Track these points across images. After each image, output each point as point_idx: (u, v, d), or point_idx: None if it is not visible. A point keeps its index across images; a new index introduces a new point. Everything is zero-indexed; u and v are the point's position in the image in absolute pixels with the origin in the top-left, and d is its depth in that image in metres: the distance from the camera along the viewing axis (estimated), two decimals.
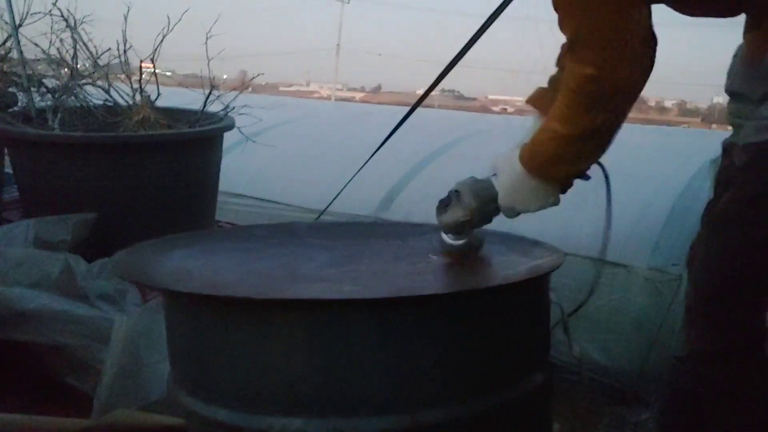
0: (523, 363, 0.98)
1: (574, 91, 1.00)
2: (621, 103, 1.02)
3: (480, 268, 1.15)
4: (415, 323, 0.87)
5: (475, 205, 1.11)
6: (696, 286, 1.19)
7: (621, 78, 0.98)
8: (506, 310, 0.94)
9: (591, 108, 1.00)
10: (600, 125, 1.02)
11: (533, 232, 1.26)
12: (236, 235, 1.31)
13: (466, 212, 1.10)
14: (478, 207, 1.11)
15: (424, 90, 1.75)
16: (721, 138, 1.28)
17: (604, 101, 1.00)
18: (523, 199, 1.11)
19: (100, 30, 2.27)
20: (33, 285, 1.54)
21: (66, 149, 1.93)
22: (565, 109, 1.02)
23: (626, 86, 1.00)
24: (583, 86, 0.99)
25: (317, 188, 2.66)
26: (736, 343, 1.09)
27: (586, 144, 1.05)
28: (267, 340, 0.87)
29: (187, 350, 0.98)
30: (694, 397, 1.18)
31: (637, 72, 0.99)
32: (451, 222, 1.11)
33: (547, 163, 1.07)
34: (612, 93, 0.99)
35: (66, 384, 1.56)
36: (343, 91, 42.19)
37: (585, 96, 1.00)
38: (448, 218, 1.12)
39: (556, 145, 1.05)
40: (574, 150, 1.05)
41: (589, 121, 1.01)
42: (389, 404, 0.86)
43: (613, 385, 1.89)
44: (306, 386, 0.86)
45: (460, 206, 1.11)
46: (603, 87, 0.98)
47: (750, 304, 1.09)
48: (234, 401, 0.89)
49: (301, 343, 0.86)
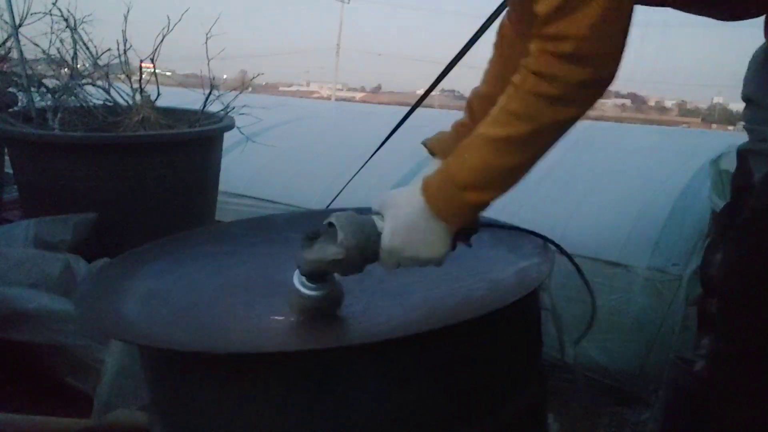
0: (519, 377, 0.95)
1: (539, 75, 0.84)
2: (595, 94, 0.87)
3: (463, 269, 1.04)
4: (398, 365, 0.81)
5: (353, 242, 0.88)
6: (719, 293, 1.16)
7: (608, 62, 0.84)
8: (496, 331, 0.88)
9: (558, 99, 0.84)
10: (560, 121, 0.87)
11: None
12: (212, 237, 1.23)
13: (339, 250, 0.87)
14: (357, 245, 0.88)
15: (424, 90, 1.75)
16: (721, 138, 1.27)
17: (576, 90, 0.84)
18: (417, 240, 0.90)
19: (100, 30, 2.28)
20: (33, 285, 1.54)
21: (66, 149, 1.93)
22: (513, 104, 0.86)
23: (611, 74, 0.85)
24: (556, 68, 0.83)
25: (317, 188, 2.65)
26: (760, 347, 1.06)
27: (528, 148, 0.88)
28: (233, 393, 0.82)
29: (159, 393, 0.95)
30: (695, 397, 1.17)
31: (618, 60, 0.85)
32: (316, 260, 0.88)
33: (463, 186, 0.88)
34: (594, 80, 0.85)
35: (66, 384, 1.56)
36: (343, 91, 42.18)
37: (554, 81, 0.84)
38: (313, 255, 0.89)
39: (490, 153, 0.87)
40: (512, 158, 0.87)
41: (550, 114, 0.85)
42: None
43: (613, 385, 1.89)
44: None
45: (333, 242, 0.88)
46: (584, 71, 0.83)
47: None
48: None
49: (272, 395, 0.81)
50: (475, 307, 0.89)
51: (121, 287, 1.00)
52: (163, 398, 0.94)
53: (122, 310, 0.94)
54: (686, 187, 2.06)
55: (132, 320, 0.92)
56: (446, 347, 0.84)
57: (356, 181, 1.77)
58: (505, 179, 0.89)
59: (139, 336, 0.89)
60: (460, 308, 0.94)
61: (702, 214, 1.89)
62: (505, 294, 0.91)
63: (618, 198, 2.10)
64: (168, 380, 0.92)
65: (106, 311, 0.93)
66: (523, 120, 0.86)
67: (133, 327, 0.90)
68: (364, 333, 0.92)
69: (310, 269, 0.89)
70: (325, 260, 0.88)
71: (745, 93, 1.21)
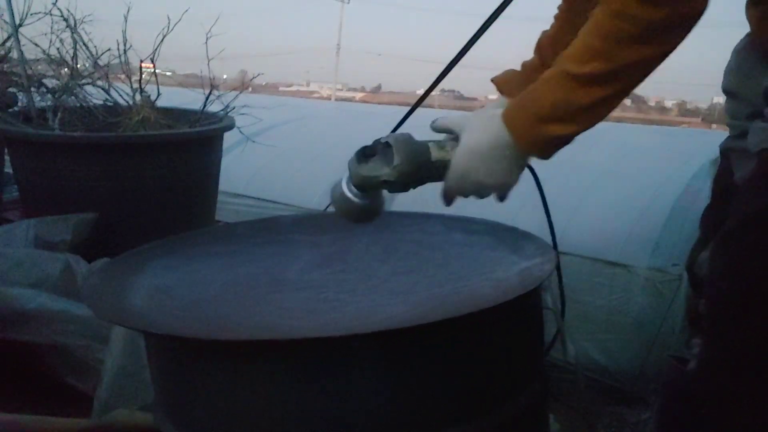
0: (520, 375, 0.95)
1: (618, 15, 0.82)
2: (677, 34, 0.84)
3: (467, 270, 1.06)
4: (400, 356, 0.82)
5: (406, 168, 0.90)
6: (708, 297, 1.15)
7: (685, 1, 0.81)
8: (499, 327, 0.89)
9: (638, 38, 0.82)
10: (641, 60, 0.84)
11: (532, 230, 1.23)
12: (218, 237, 1.24)
13: (392, 172, 0.90)
14: (409, 171, 0.90)
15: (424, 90, 1.75)
16: (721, 138, 1.26)
17: (654, 29, 0.82)
18: (493, 164, 0.90)
19: (100, 30, 2.28)
20: (33, 285, 1.54)
21: (66, 149, 1.93)
22: (594, 41, 0.84)
23: (691, 12, 0.82)
24: (634, 7, 0.81)
25: (317, 188, 2.65)
26: (753, 353, 1.05)
27: (610, 85, 0.86)
28: (243, 381, 0.83)
29: (166, 386, 0.95)
30: (689, 396, 1.17)
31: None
32: (369, 176, 0.91)
33: (546, 119, 0.87)
34: (673, 19, 0.82)
35: (66, 384, 1.56)
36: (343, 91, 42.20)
37: (632, 21, 0.81)
38: (366, 171, 0.92)
39: (572, 88, 0.85)
40: (594, 95, 0.86)
41: (630, 53, 0.83)
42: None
43: (613, 385, 1.89)
44: (285, 427, 0.82)
45: (387, 164, 0.91)
46: (661, 11, 0.81)
47: None
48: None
49: (278, 384, 0.82)
50: (478, 304, 0.89)
51: (127, 283, 1.01)
52: (171, 389, 0.94)
53: (129, 303, 0.95)
54: (686, 187, 2.06)
55: (139, 312, 0.93)
56: (448, 342, 0.84)
57: None
58: (589, 115, 0.89)
59: (149, 324, 0.90)
60: (463, 305, 0.95)
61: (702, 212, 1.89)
62: (507, 292, 0.92)
63: (618, 198, 2.10)
64: (177, 370, 0.92)
65: (113, 303, 0.93)
66: (603, 58, 0.84)
67: (140, 317, 0.91)
68: (367, 325, 0.93)
69: (361, 183, 0.92)
70: (377, 179, 0.91)
71: (726, 85, 1.20)
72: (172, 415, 0.93)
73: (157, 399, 0.99)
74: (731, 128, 1.22)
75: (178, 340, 0.88)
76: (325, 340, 0.82)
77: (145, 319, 0.91)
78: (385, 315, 0.94)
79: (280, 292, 1.01)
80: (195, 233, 1.23)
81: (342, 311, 0.95)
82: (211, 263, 1.12)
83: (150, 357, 0.99)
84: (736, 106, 1.18)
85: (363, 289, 1.01)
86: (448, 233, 1.20)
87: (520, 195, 1.00)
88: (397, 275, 1.02)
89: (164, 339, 0.91)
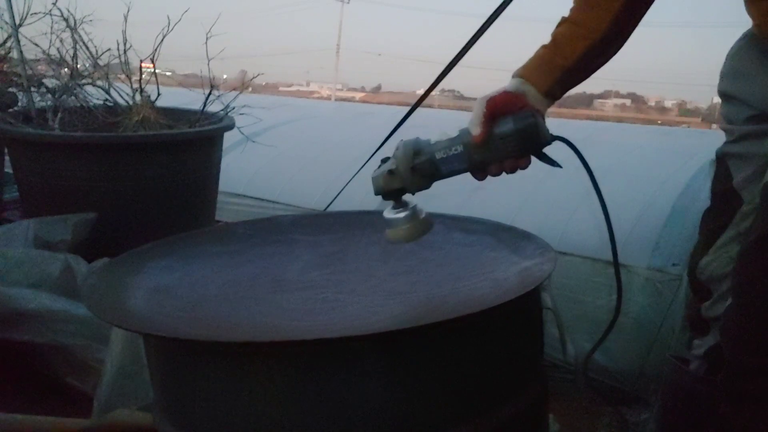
0: (520, 375, 0.95)
1: None
2: None
3: (466, 270, 1.05)
4: (399, 357, 0.82)
5: (401, 152, 0.96)
6: (737, 299, 1.11)
7: None
8: (498, 327, 0.89)
9: None
10: None
11: (532, 230, 1.22)
12: (218, 237, 1.24)
13: (392, 161, 0.97)
14: (405, 155, 0.96)
15: (424, 90, 1.75)
16: (721, 138, 1.26)
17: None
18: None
19: (100, 30, 2.28)
20: (33, 285, 1.54)
21: (66, 149, 1.93)
22: None
23: None
24: None
25: (317, 188, 2.66)
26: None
27: None
28: (242, 382, 0.83)
29: (165, 387, 0.95)
30: (692, 395, 1.17)
31: None
32: (378, 175, 0.97)
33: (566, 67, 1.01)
34: None
35: (66, 384, 1.56)
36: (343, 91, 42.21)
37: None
38: (376, 172, 0.98)
39: None
40: None
41: None
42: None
43: (613, 385, 1.88)
44: (285, 428, 0.82)
45: (391, 159, 0.98)
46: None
47: None
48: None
49: (278, 385, 0.82)
50: (478, 304, 0.89)
51: (126, 282, 1.01)
52: (170, 390, 0.93)
53: (129, 303, 0.95)
54: (686, 187, 2.06)
55: (138, 313, 0.92)
56: (448, 342, 0.84)
57: (356, 181, 1.78)
58: None
59: (149, 326, 0.90)
60: (463, 305, 0.95)
61: (702, 214, 1.89)
62: (507, 292, 0.92)
63: (618, 198, 2.10)
64: (176, 371, 0.91)
65: (112, 304, 0.93)
66: None
67: (139, 319, 0.91)
68: (367, 326, 0.93)
69: (376, 186, 0.97)
70: (383, 171, 0.96)
71: (723, 89, 1.19)
72: (172, 416, 0.93)
73: (156, 400, 0.99)
74: (727, 133, 1.20)
75: (177, 341, 0.88)
76: (324, 342, 0.82)
77: (144, 320, 0.91)
78: (385, 315, 0.93)
79: (280, 292, 1.01)
80: (195, 233, 1.23)
81: (341, 312, 0.95)
82: (211, 263, 1.12)
83: (149, 358, 0.99)
84: (733, 109, 1.17)
85: (362, 290, 1.01)
86: (447, 233, 1.19)
87: (520, 195, 1.00)
88: (396, 275, 1.02)
89: (163, 340, 0.91)
